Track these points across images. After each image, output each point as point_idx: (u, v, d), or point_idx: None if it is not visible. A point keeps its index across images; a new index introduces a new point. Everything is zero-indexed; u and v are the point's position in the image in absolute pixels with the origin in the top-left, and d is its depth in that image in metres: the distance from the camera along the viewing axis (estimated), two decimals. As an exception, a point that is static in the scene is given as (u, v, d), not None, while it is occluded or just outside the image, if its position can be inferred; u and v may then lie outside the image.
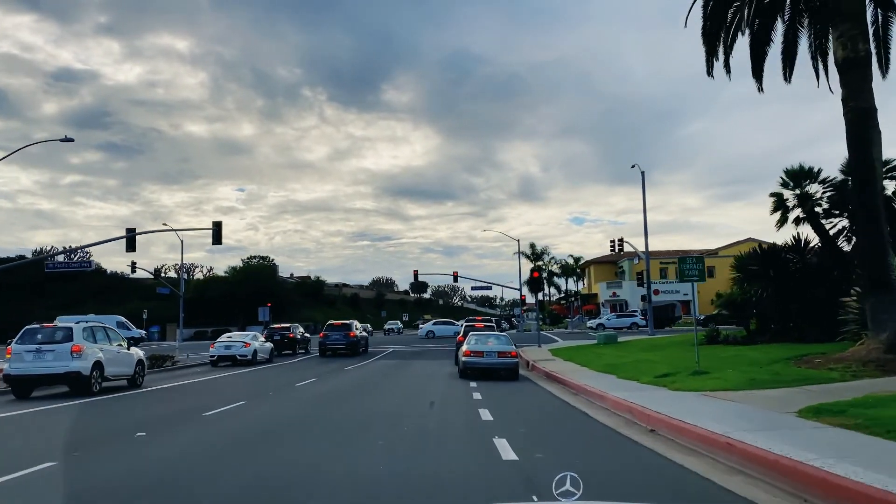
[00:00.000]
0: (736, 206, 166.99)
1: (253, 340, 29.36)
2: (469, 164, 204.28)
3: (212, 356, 28.51)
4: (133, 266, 61.71)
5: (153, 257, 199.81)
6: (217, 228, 37.71)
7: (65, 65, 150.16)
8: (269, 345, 31.38)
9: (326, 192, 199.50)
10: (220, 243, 37.70)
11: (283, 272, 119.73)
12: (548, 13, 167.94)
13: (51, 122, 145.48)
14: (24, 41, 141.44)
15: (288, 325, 36.98)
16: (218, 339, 30.00)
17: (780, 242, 24.23)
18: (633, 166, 45.99)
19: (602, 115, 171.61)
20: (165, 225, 76.75)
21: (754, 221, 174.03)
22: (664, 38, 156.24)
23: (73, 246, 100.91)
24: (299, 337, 37.07)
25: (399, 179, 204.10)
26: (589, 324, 60.00)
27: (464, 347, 20.95)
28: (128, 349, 18.66)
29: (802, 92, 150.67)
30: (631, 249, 49.12)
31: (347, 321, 35.60)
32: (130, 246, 37.42)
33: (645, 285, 45.10)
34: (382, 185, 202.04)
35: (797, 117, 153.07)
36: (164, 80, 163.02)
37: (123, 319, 58.13)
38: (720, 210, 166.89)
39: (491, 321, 38.57)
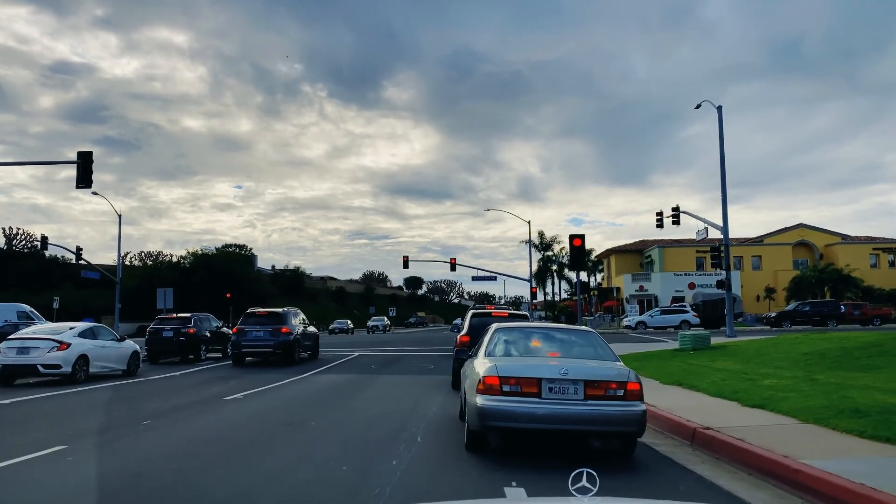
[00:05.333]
0: (735, 210, 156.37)
1: (79, 339, 15.76)
2: (468, 163, 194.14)
3: (-7, 367, 14.95)
4: (44, 241, 48.75)
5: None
6: (84, 161, 24.30)
7: (61, 58, 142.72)
8: (126, 346, 17.64)
9: (325, 190, 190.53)
10: (88, 186, 24.35)
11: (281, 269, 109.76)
12: (550, 12, 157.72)
13: (47, 116, 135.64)
14: (19, 33, 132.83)
15: (188, 314, 23.17)
16: (10, 337, 16.29)
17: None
18: (698, 106, 34.19)
19: (603, 115, 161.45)
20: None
21: (752, 225, 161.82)
22: (666, 38, 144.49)
23: None
24: (208, 335, 23.44)
25: (398, 178, 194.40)
26: (626, 322, 46.52)
27: (479, 368, 7.15)
28: None
29: (803, 95, 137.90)
30: (698, 221, 35.53)
31: (279, 309, 21.89)
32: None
33: (724, 268, 31.76)
34: (381, 184, 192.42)
35: (798, 121, 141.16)
36: (161, 75, 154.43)
37: (28, 309, 45.75)
38: (719, 214, 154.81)
39: (514, 308, 22.89)
